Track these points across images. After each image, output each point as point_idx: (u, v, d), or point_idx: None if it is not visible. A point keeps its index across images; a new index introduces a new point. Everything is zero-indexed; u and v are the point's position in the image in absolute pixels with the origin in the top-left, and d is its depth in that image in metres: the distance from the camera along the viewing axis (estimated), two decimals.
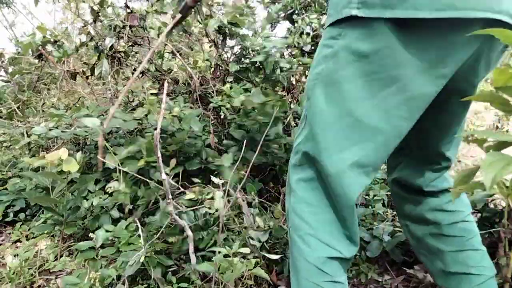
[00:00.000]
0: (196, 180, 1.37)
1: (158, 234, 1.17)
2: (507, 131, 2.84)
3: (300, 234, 0.76)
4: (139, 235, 1.27)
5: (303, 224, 0.76)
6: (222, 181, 1.19)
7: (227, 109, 1.64)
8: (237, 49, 1.87)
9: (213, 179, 1.19)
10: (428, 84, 0.69)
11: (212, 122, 1.84)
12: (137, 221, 1.29)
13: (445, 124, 0.86)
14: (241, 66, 1.74)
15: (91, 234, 1.27)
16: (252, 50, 1.71)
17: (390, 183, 1.03)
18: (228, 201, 1.32)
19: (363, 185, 0.76)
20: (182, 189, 1.24)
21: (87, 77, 1.89)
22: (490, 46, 0.72)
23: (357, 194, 0.74)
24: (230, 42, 1.93)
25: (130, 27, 1.68)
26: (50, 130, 1.49)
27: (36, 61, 1.79)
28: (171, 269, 1.20)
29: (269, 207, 1.56)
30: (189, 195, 1.24)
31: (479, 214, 1.37)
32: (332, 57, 0.71)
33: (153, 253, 1.14)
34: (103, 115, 1.68)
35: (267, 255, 1.10)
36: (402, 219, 1.04)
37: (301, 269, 0.76)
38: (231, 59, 1.91)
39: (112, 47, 1.64)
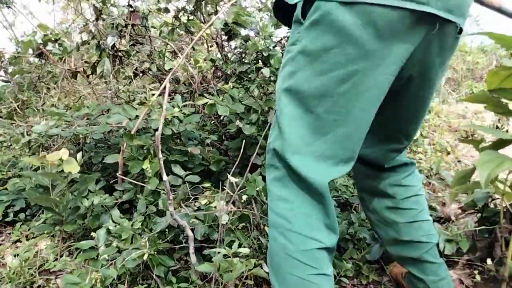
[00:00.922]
0: (206, 184, 1.38)
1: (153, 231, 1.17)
2: (507, 131, 2.84)
3: (280, 230, 0.78)
4: (140, 234, 1.27)
5: (282, 221, 0.78)
6: (236, 179, 1.20)
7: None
8: (238, 49, 1.88)
9: (230, 178, 1.21)
10: (382, 74, 0.73)
11: (213, 122, 1.84)
12: (137, 220, 1.29)
13: (406, 110, 0.91)
14: (242, 66, 1.74)
15: (92, 234, 1.27)
16: (255, 50, 1.71)
17: None
18: (233, 203, 1.32)
19: (335, 175, 0.80)
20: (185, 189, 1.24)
21: (87, 76, 1.89)
22: (441, 42, 0.76)
23: (325, 183, 0.77)
24: (230, 42, 1.94)
25: (133, 25, 1.68)
26: (50, 128, 1.49)
27: (37, 60, 1.79)
28: (171, 269, 1.20)
29: None
30: (203, 200, 1.26)
31: (479, 214, 1.37)
32: (292, 60, 0.77)
33: (155, 252, 1.14)
34: (103, 114, 1.68)
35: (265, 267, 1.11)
36: (360, 192, 1.11)
37: (283, 264, 0.77)
38: (232, 59, 1.91)
39: (114, 46, 1.63)
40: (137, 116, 1.47)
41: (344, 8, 0.69)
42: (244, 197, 1.32)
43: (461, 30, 0.78)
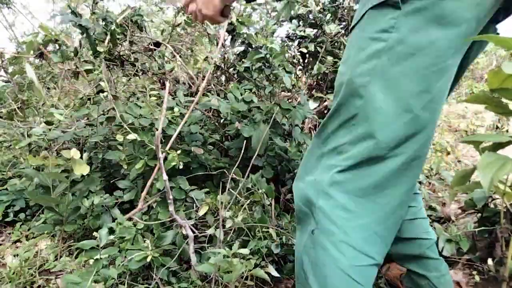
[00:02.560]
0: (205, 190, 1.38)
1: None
2: (507, 131, 2.84)
3: (333, 240, 0.72)
4: (142, 235, 1.27)
5: (337, 230, 0.71)
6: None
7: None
8: (239, 49, 1.87)
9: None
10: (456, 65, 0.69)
11: (213, 122, 1.84)
12: (138, 220, 1.29)
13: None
14: (244, 66, 1.74)
15: (94, 233, 1.27)
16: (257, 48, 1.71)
17: None
18: (239, 203, 1.32)
19: (416, 177, 0.75)
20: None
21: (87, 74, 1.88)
22: (481, 44, 0.77)
23: (410, 188, 0.73)
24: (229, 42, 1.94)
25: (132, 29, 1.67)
26: (50, 130, 1.49)
27: (37, 60, 1.79)
28: (171, 269, 1.20)
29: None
30: (203, 210, 1.26)
31: (479, 214, 1.37)
32: (386, 51, 0.67)
33: (158, 254, 1.14)
34: (103, 114, 1.68)
35: (270, 270, 1.10)
36: None
37: (331, 276, 0.71)
38: (232, 59, 1.91)
39: (111, 50, 1.63)
40: (141, 115, 1.48)
41: None
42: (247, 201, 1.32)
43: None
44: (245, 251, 1.05)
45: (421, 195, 1.08)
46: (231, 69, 1.98)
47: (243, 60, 1.85)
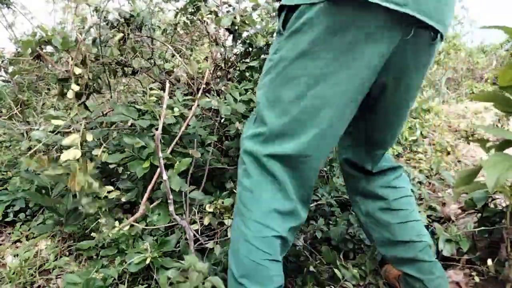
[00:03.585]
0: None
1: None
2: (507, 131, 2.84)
3: (242, 218, 0.85)
4: (141, 237, 1.27)
5: (245, 209, 0.85)
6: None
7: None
8: (239, 49, 1.87)
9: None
10: (356, 78, 0.77)
11: (212, 122, 1.84)
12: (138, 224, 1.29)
13: (384, 115, 0.95)
14: (249, 65, 1.74)
15: (92, 234, 1.27)
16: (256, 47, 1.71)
17: (341, 162, 1.13)
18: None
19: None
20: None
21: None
22: (415, 48, 0.78)
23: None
24: (229, 42, 1.93)
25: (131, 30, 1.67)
26: (49, 134, 1.47)
27: (36, 61, 1.78)
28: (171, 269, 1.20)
29: None
30: (207, 219, 1.27)
31: (479, 214, 1.37)
32: (273, 68, 0.82)
33: (157, 256, 1.14)
34: (103, 115, 1.68)
35: None
36: (353, 195, 1.14)
37: (241, 249, 0.84)
38: (232, 59, 1.91)
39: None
40: (139, 116, 1.47)
41: (325, 11, 0.70)
42: None
43: (441, 37, 0.79)
44: None
45: (413, 198, 1.08)
46: (231, 69, 1.97)
47: (243, 60, 1.85)
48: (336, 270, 1.20)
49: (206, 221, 1.29)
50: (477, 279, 1.22)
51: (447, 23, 0.77)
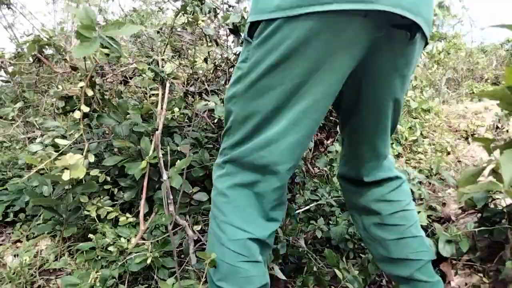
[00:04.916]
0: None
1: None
2: (507, 131, 2.85)
3: (217, 222, 0.85)
4: (142, 238, 1.26)
5: (219, 213, 0.85)
6: None
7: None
8: (239, 49, 1.87)
9: None
10: (329, 84, 0.75)
11: (206, 123, 1.84)
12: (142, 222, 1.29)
13: (366, 120, 0.92)
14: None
15: (90, 235, 1.27)
16: None
17: (338, 178, 1.12)
18: None
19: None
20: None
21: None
22: (391, 47, 0.76)
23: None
24: (229, 43, 1.93)
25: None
26: (46, 146, 1.46)
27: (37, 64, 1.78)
28: (171, 270, 1.20)
29: None
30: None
31: (479, 214, 1.37)
32: (243, 77, 0.79)
33: (158, 255, 1.14)
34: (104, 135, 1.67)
35: (276, 272, 1.10)
36: (350, 210, 1.11)
37: (217, 252, 0.83)
38: (232, 59, 1.91)
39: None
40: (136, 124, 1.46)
41: (290, 22, 0.68)
42: None
43: (424, 35, 0.76)
44: None
45: (412, 212, 1.01)
46: (231, 69, 1.97)
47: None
48: (337, 271, 1.18)
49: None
50: (477, 279, 1.22)
51: (426, 17, 0.72)
